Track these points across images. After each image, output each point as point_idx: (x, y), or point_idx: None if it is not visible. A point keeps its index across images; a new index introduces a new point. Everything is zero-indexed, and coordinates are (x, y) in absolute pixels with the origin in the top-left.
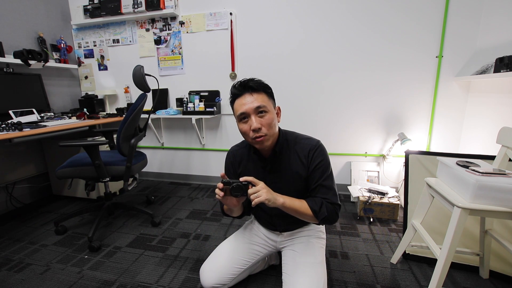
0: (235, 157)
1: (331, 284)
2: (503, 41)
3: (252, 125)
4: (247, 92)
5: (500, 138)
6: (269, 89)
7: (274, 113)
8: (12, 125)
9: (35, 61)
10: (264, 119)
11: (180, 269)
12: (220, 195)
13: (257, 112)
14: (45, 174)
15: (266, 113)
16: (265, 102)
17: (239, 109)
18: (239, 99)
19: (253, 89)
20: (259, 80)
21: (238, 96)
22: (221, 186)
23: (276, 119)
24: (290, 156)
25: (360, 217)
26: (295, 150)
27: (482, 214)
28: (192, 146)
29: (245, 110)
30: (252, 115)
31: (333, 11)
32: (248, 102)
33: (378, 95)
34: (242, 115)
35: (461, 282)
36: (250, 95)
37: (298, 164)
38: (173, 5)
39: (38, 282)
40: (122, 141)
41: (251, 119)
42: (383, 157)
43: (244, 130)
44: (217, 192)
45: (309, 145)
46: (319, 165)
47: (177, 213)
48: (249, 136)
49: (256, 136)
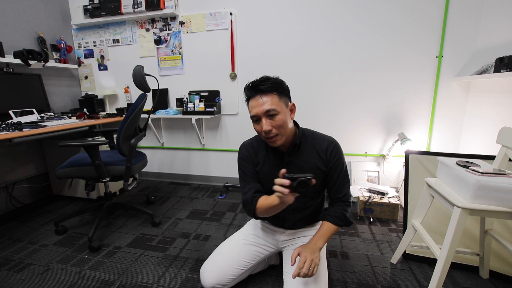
0: (252, 148)
1: (331, 284)
2: (503, 41)
3: (263, 127)
4: (258, 95)
5: (500, 138)
6: (281, 88)
7: (286, 112)
8: (12, 125)
9: (35, 61)
10: (275, 121)
11: (180, 269)
12: (285, 192)
13: (267, 115)
14: (45, 174)
15: (276, 115)
16: (275, 104)
17: (251, 111)
18: (251, 100)
19: (262, 91)
20: (271, 79)
21: (250, 97)
22: (288, 183)
23: (289, 117)
24: (308, 150)
25: (360, 217)
26: (313, 144)
27: (482, 214)
28: (192, 146)
29: (255, 113)
30: (263, 117)
31: (333, 11)
32: (258, 105)
33: (378, 95)
34: (254, 117)
35: (461, 282)
36: (260, 98)
37: (317, 157)
38: (173, 5)
39: (38, 282)
40: (122, 141)
41: (262, 122)
42: (383, 157)
43: (257, 130)
44: (280, 190)
45: (326, 141)
46: (338, 161)
47: (177, 213)
48: (262, 136)
49: (267, 137)
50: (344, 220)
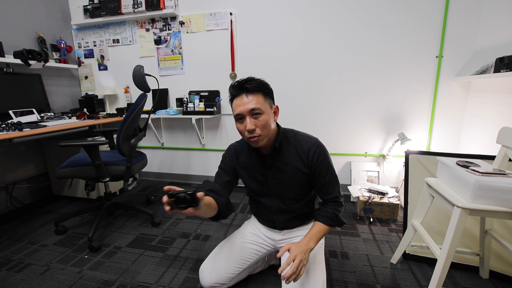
0: (235, 151)
1: (331, 284)
2: (503, 41)
3: (246, 126)
4: (243, 93)
5: (500, 138)
6: (266, 89)
7: (270, 113)
8: (12, 125)
9: (35, 61)
10: (259, 121)
11: (180, 269)
12: (166, 210)
13: (252, 113)
14: (45, 174)
15: (261, 114)
16: (260, 103)
17: (235, 109)
18: (236, 99)
19: (248, 90)
20: (256, 80)
21: (235, 96)
22: (166, 200)
23: (272, 119)
24: (290, 152)
25: (360, 217)
26: (295, 146)
27: (482, 214)
28: (192, 146)
29: (240, 112)
30: (247, 116)
31: (333, 11)
32: (243, 104)
33: (378, 95)
34: (238, 116)
35: (461, 282)
36: (246, 96)
37: (298, 160)
38: (173, 5)
39: (38, 282)
40: (122, 141)
41: (246, 120)
42: (383, 157)
43: (240, 129)
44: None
45: (308, 143)
46: (322, 163)
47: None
48: (245, 135)
49: (250, 136)
50: (336, 220)
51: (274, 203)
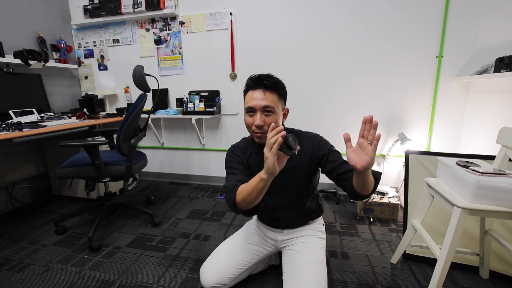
0: (241, 149)
1: (331, 284)
2: (503, 41)
3: (255, 121)
4: (260, 88)
5: (500, 138)
6: (282, 90)
7: (280, 114)
8: (12, 125)
9: (35, 61)
10: (269, 119)
11: (180, 269)
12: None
13: (263, 110)
14: (45, 174)
15: (272, 113)
16: (274, 102)
17: (248, 102)
18: (251, 91)
19: (266, 87)
20: (276, 79)
21: (251, 88)
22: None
23: (281, 120)
24: None
25: (360, 217)
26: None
27: (482, 214)
28: (192, 146)
29: (253, 105)
30: (259, 112)
31: (334, 12)
32: (258, 98)
33: (378, 95)
34: (250, 109)
35: (461, 282)
36: (262, 92)
37: (303, 154)
38: (173, 5)
39: (38, 282)
40: (122, 141)
41: (256, 115)
42: (383, 157)
43: (248, 122)
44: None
45: (311, 137)
46: (331, 148)
47: (177, 213)
48: (251, 129)
49: (257, 132)
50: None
51: (279, 200)
